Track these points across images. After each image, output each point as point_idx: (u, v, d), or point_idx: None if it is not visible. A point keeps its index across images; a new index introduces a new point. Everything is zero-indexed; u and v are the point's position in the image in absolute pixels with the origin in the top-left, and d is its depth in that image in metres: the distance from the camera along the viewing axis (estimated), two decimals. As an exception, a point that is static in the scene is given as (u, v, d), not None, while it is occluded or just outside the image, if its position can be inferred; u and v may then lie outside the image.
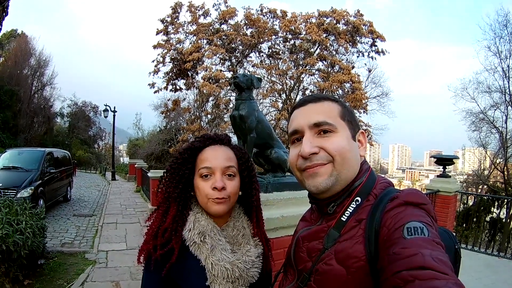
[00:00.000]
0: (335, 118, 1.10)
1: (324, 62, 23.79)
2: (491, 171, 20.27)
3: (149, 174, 14.18)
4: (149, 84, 24.72)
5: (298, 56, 23.90)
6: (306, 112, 1.13)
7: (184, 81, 24.78)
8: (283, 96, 24.98)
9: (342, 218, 1.05)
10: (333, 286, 0.98)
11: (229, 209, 1.42)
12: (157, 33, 24.34)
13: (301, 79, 24.57)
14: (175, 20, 24.30)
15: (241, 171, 1.46)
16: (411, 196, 0.96)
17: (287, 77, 24.20)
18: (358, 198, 1.06)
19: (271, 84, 24.16)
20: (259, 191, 1.57)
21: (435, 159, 7.80)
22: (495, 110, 18.35)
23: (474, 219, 11.29)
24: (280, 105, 24.43)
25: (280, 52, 24.55)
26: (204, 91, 22.05)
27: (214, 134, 1.51)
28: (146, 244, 1.35)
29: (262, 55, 24.91)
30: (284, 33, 23.92)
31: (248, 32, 23.71)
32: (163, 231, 1.33)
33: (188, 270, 1.33)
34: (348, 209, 1.05)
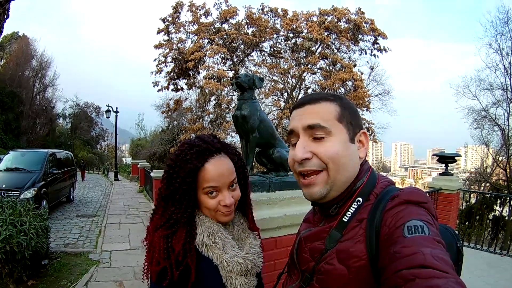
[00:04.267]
0: (331, 120, 1.07)
1: (325, 60, 23.76)
2: (494, 168, 20.21)
3: (152, 174, 14.17)
4: (153, 83, 24.82)
5: (300, 55, 23.87)
6: (302, 114, 1.11)
7: (186, 81, 24.81)
8: (285, 95, 24.98)
9: (343, 219, 1.05)
10: (335, 285, 0.98)
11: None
12: (158, 32, 24.36)
13: (303, 77, 24.56)
14: (176, 19, 24.29)
15: (238, 174, 1.45)
16: (412, 195, 0.96)
17: (289, 76, 24.18)
18: (360, 199, 1.05)
19: (273, 83, 24.18)
20: (250, 186, 1.58)
21: (437, 157, 7.79)
22: (497, 107, 18.35)
23: (477, 217, 11.26)
24: (282, 104, 24.39)
25: (282, 51, 24.55)
26: (206, 90, 22.07)
27: (206, 142, 1.40)
28: (157, 266, 1.27)
29: (264, 54, 24.91)
30: (286, 32, 23.91)
31: (250, 31, 23.69)
32: (176, 255, 1.27)
33: (203, 273, 1.32)
34: (350, 210, 1.05)
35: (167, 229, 1.33)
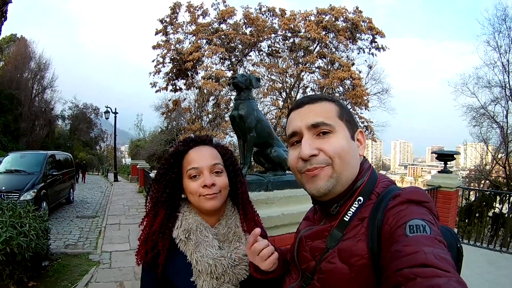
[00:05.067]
0: (333, 118, 1.09)
1: (324, 59, 23.80)
2: (493, 166, 20.21)
3: (151, 175, 14.18)
4: (150, 83, 24.83)
5: (298, 54, 23.94)
6: (303, 114, 1.12)
7: (184, 81, 24.83)
8: (284, 94, 25.01)
9: (345, 218, 1.05)
10: (336, 284, 0.99)
11: (221, 203, 1.45)
12: (156, 33, 24.40)
13: (301, 77, 24.61)
14: (174, 20, 24.33)
15: (227, 166, 1.51)
16: (413, 194, 0.96)
17: (287, 75, 24.24)
18: (361, 198, 1.06)
19: (271, 82, 24.23)
20: (245, 184, 1.61)
21: (437, 155, 7.78)
22: (496, 105, 18.32)
23: (477, 215, 11.26)
24: (280, 103, 24.46)
25: (280, 51, 24.62)
26: (205, 90, 22.11)
27: (195, 136, 1.55)
28: (139, 251, 1.42)
29: (262, 54, 24.98)
30: (284, 32, 23.95)
31: (248, 31, 23.74)
32: (151, 235, 1.39)
33: (178, 266, 1.38)
34: (351, 209, 1.05)
35: (152, 211, 1.45)
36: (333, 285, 1.00)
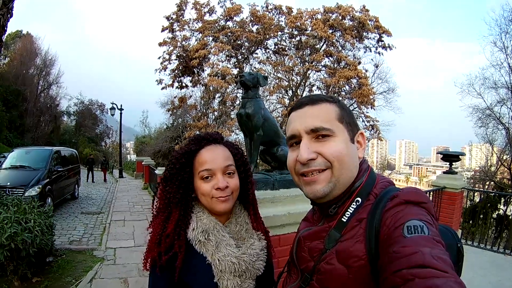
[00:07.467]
0: (332, 121, 1.08)
1: (330, 58, 23.72)
2: (498, 167, 20.10)
3: (156, 171, 14.27)
4: (156, 80, 24.88)
5: (304, 52, 23.89)
6: (302, 116, 1.12)
7: (190, 78, 24.86)
8: (290, 92, 24.98)
9: (342, 219, 1.05)
10: (335, 285, 0.99)
11: (232, 205, 1.45)
12: (162, 30, 24.45)
13: (308, 75, 24.56)
14: (181, 17, 24.36)
15: (238, 167, 1.49)
16: (411, 195, 0.96)
17: (294, 74, 24.21)
18: (359, 199, 1.05)
19: (277, 80, 24.21)
20: (254, 184, 1.60)
21: (442, 156, 7.75)
22: (502, 106, 18.22)
23: (481, 216, 11.23)
24: (286, 101, 24.42)
25: (286, 49, 24.55)
26: (211, 87, 22.12)
27: (206, 134, 1.51)
28: (150, 252, 1.35)
29: (268, 52, 24.93)
30: (290, 30, 23.91)
31: (254, 28, 23.73)
32: (165, 237, 1.33)
33: (195, 269, 1.34)
34: (349, 210, 1.05)
35: (164, 212, 1.40)
36: (331, 285, 1.00)
